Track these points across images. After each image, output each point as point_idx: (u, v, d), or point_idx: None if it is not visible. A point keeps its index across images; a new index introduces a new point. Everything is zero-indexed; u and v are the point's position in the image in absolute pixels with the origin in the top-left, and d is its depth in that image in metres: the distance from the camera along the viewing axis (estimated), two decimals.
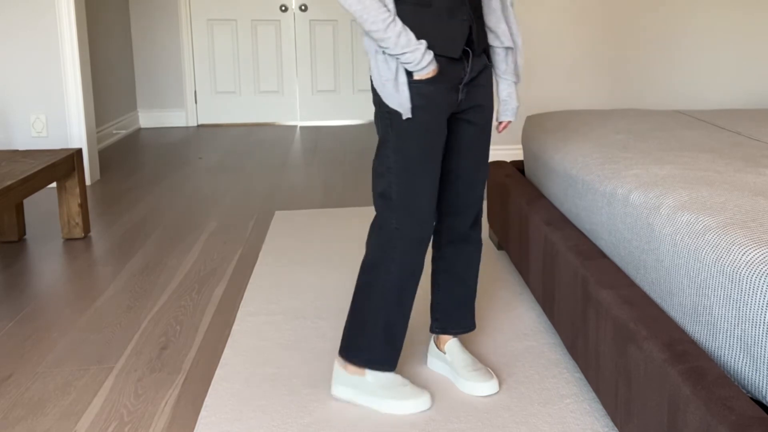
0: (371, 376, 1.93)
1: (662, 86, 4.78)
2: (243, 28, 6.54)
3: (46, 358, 2.23)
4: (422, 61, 1.74)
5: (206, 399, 1.97)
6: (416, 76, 1.77)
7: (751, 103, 4.84)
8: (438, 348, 2.12)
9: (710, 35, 4.75)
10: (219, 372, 2.11)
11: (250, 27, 6.54)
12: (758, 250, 1.38)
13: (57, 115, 4.31)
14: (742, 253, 1.40)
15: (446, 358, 2.08)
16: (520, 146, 4.66)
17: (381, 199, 1.86)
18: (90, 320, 2.50)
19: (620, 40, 4.69)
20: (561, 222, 2.29)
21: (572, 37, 4.66)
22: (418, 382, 2.04)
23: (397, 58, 1.75)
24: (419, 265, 1.89)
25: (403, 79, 1.77)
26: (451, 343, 2.09)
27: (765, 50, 4.80)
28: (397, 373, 2.00)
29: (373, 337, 1.91)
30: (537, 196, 2.57)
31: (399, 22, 1.73)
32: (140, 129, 6.45)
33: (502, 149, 4.66)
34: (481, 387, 1.98)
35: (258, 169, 4.81)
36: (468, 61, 1.85)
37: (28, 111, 4.29)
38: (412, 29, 1.75)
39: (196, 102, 6.58)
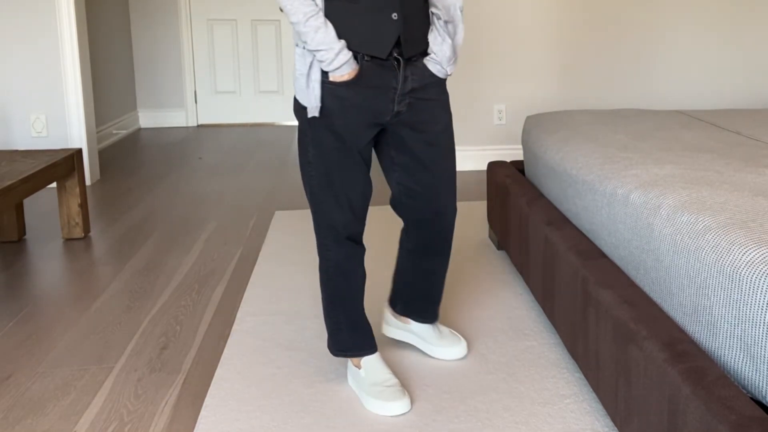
0: (363, 371, 1.99)
1: (662, 86, 4.78)
2: (243, 28, 6.53)
3: (46, 358, 2.23)
4: (335, 61, 1.70)
5: (206, 399, 1.97)
6: (331, 77, 1.73)
7: (751, 103, 4.84)
8: (399, 320, 2.22)
9: (710, 35, 4.75)
10: (219, 372, 2.11)
11: (250, 27, 6.54)
12: (758, 250, 1.38)
13: (57, 115, 4.31)
14: (742, 253, 1.40)
15: (411, 328, 2.20)
16: (520, 146, 4.66)
17: (307, 189, 1.89)
18: (90, 320, 2.50)
19: (620, 39, 4.69)
20: (561, 222, 2.29)
21: (572, 37, 4.66)
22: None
23: (314, 55, 1.72)
24: (346, 259, 1.92)
25: (316, 76, 1.74)
26: (427, 326, 2.21)
27: (765, 50, 4.80)
28: (392, 371, 2.05)
29: (339, 326, 2.00)
30: (537, 196, 2.57)
31: (321, 18, 1.70)
32: (140, 129, 6.45)
33: (502, 149, 4.66)
34: (450, 350, 2.15)
35: (258, 169, 4.81)
36: (399, 68, 1.78)
37: (28, 111, 4.29)
38: (339, 27, 1.72)
39: (196, 102, 6.58)
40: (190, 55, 6.49)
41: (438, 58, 1.85)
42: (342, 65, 1.71)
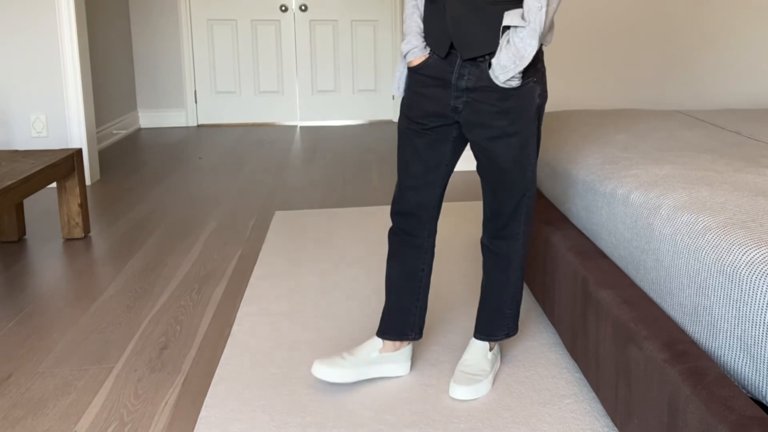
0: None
1: (662, 86, 4.78)
2: (243, 28, 6.53)
3: (46, 358, 2.23)
4: (402, 49, 1.93)
5: (206, 399, 1.97)
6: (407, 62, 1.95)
7: (751, 103, 4.84)
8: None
9: (710, 35, 4.75)
10: (219, 372, 2.11)
11: (250, 27, 6.54)
12: (758, 250, 1.38)
13: (57, 115, 4.31)
14: (742, 253, 1.40)
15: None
16: None
17: None
18: (90, 320, 2.50)
19: (620, 40, 4.69)
20: (561, 222, 2.29)
21: (572, 37, 4.66)
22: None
23: None
24: (393, 235, 2.04)
25: (402, 63, 1.96)
26: (472, 339, 2.12)
27: (765, 50, 4.80)
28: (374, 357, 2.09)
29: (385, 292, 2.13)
30: (537, 196, 2.57)
31: (413, 14, 1.92)
32: (140, 129, 6.45)
33: None
34: (455, 389, 1.97)
35: (258, 169, 4.81)
36: (455, 63, 1.84)
37: (28, 111, 4.29)
38: (424, 24, 1.92)
39: (196, 102, 6.58)
40: (190, 55, 6.49)
41: (493, 63, 1.79)
42: (406, 53, 1.92)
